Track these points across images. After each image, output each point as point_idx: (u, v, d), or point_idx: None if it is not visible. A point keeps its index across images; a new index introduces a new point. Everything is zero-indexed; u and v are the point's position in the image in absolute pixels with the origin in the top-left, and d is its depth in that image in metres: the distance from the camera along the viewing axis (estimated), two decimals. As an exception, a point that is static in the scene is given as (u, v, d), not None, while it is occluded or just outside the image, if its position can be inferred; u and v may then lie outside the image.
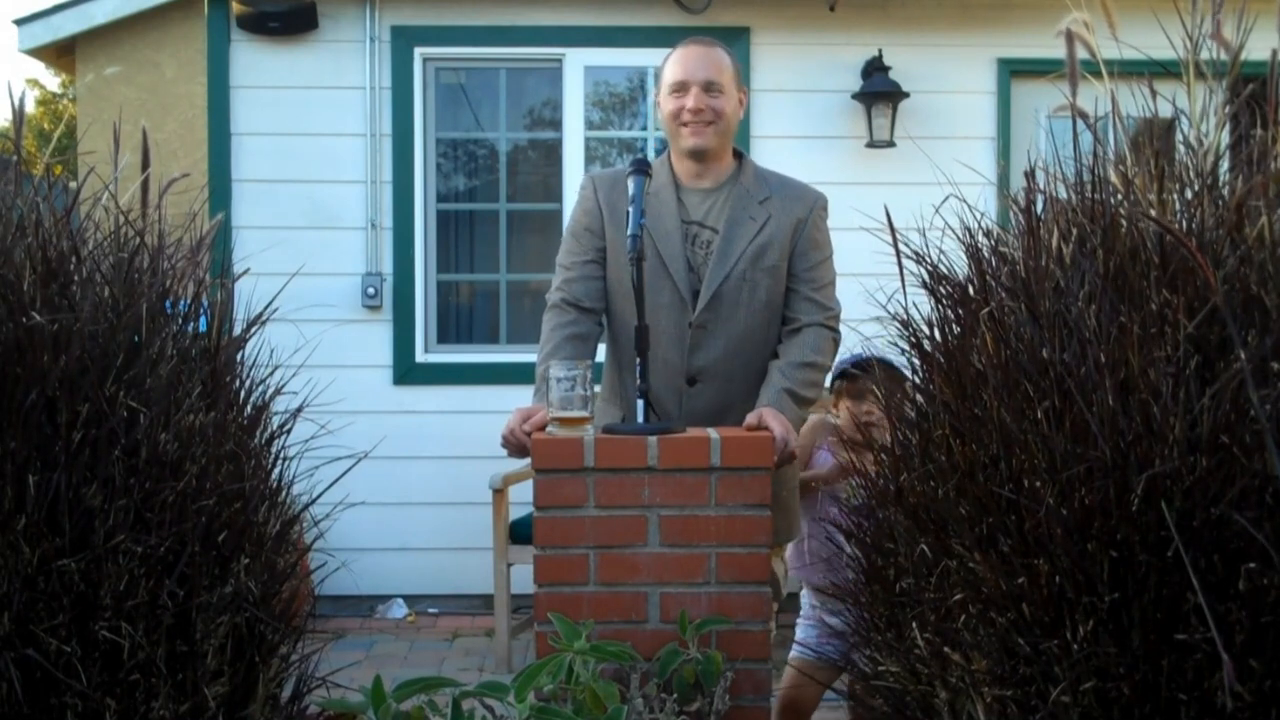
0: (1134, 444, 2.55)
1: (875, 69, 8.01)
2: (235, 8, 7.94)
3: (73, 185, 3.67)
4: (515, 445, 3.81)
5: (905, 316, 3.26)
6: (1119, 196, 2.95)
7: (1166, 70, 2.98)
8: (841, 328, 4.21)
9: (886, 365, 3.99)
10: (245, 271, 3.73)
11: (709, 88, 4.12)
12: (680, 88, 4.15)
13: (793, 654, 4.62)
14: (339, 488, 3.67)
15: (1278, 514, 2.40)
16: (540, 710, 2.86)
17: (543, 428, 3.67)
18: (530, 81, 8.39)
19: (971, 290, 3.12)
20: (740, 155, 4.32)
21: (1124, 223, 2.86)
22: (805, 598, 4.71)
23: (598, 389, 4.11)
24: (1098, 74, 3.18)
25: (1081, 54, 3.26)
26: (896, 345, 3.34)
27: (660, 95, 4.26)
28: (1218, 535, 2.45)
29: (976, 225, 3.18)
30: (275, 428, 3.57)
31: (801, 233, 4.18)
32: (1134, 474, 2.52)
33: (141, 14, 9.24)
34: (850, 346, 4.31)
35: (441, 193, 8.31)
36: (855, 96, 8.05)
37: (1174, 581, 2.46)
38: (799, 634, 4.65)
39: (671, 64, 4.21)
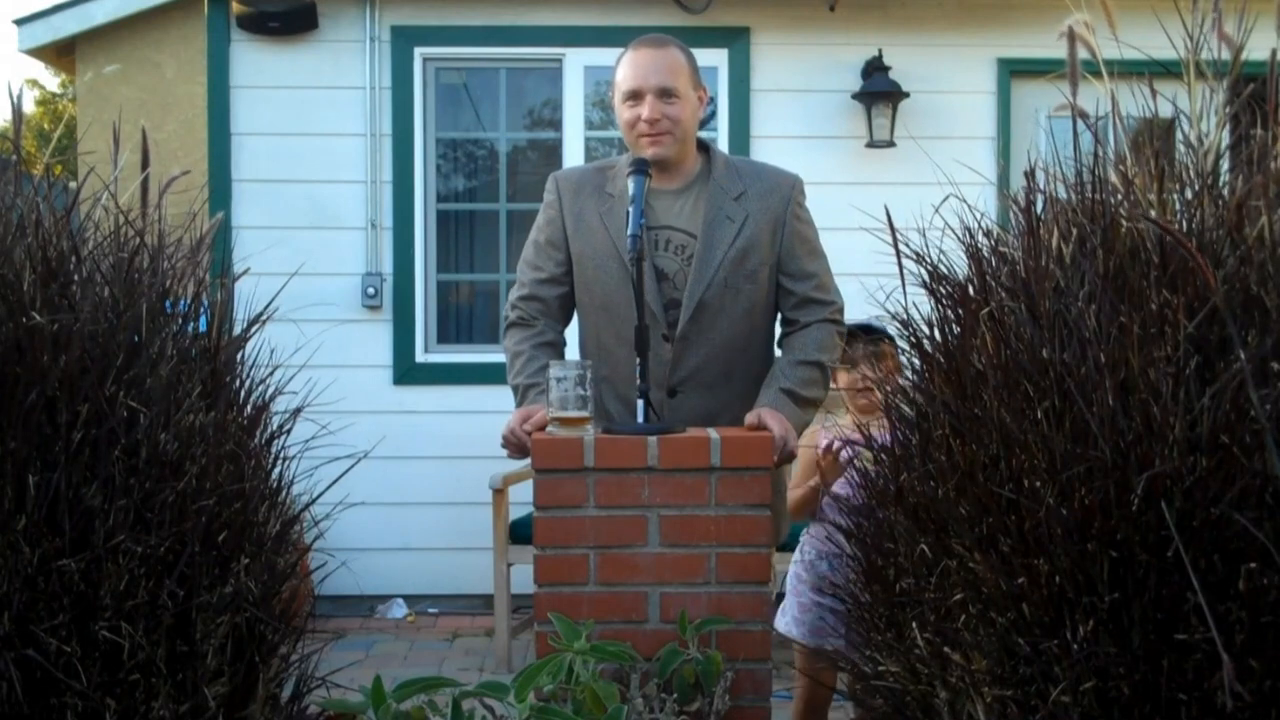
0: (1134, 444, 2.53)
1: (875, 69, 7.98)
2: (235, 8, 7.92)
3: (73, 185, 3.66)
4: (516, 445, 3.79)
5: (905, 316, 3.23)
6: (1119, 196, 2.94)
7: (1167, 70, 2.97)
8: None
9: (873, 332, 4.05)
10: (245, 271, 3.71)
11: (664, 95, 3.97)
12: (634, 96, 4.00)
13: (797, 651, 4.54)
14: (339, 488, 3.64)
15: (1278, 514, 2.38)
16: (540, 710, 2.84)
17: (543, 428, 3.64)
18: (530, 81, 8.37)
19: (971, 290, 3.08)
20: (707, 148, 4.16)
21: (1124, 223, 2.85)
22: (791, 582, 4.57)
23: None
24: (1098, 74, 3.16)
25: (1082, 54, 3.25)
26: (896, 344, 3.33)
27: (615, 100, 4.12)
28: (1218, 535, 2.43)
29: (976, 225, 3.17)
30: (275, 428, 3.54)
31: (783, 229, 4.07)
32: (1134, 474, 2.50)
33: (141, 14, 9.25)
34: (854, 316, 4.26)
35: (441, 193, 8.28)
36: (855, 96, 8.03)
37: (1174, 581, 2.44)
38: (791, 628, 4.53)
39: (623, 68, 4.06)
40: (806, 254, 4.10)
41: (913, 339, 3.24)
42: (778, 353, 4.16)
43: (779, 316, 4.18)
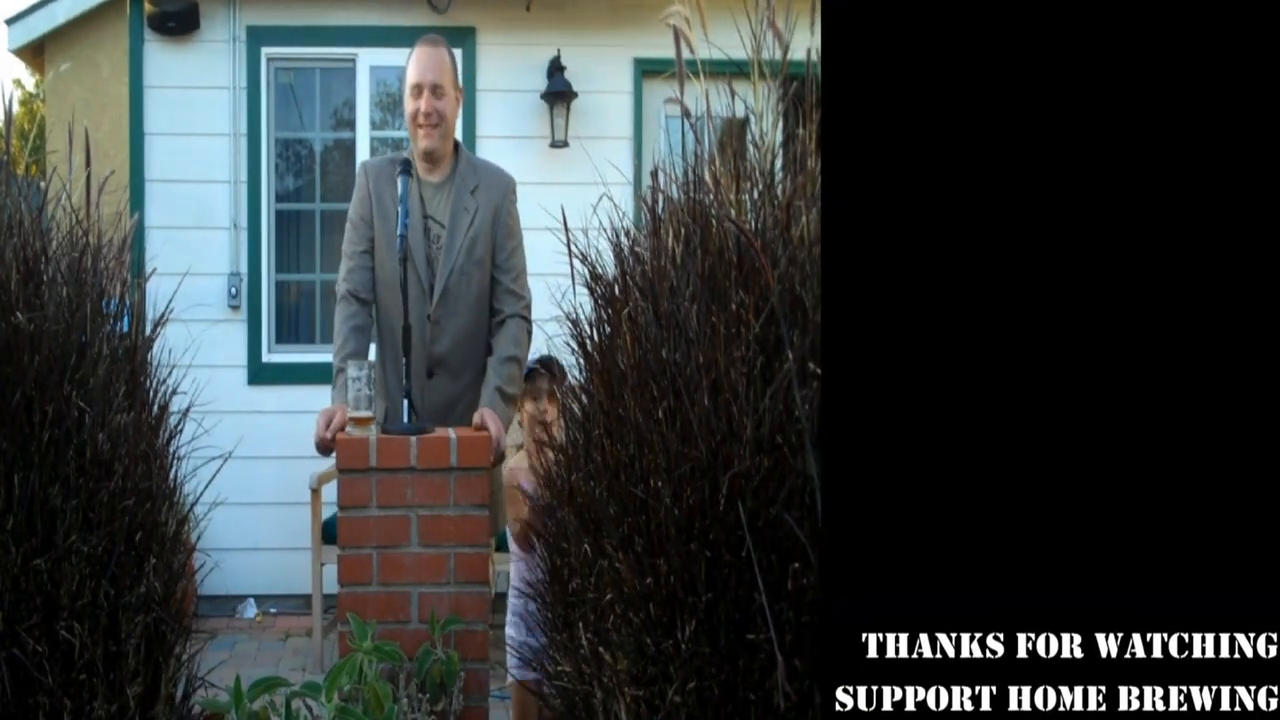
0: (721, 444, 2.20)
1: (556, 69, 6.34)
2: (147, 8, 6.48)
3: (43, 185, 3.18)
4: (325, 448, 3.25)
5: (575, 316, 2.78)
6: (711, 196, 2.63)
7: (741, 70, 2.64)
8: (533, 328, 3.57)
9: (556, 365, 3.38)
10: (153, 271, 3.23)
11: (435, 91, 3.46)
12: (415, 91, 3.48)
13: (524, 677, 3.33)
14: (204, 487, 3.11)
15: (815, 513, 2.04)
16: (341, 710, 2.53)
17: (343, 428, 3.12)
18: (337, 82, 7.05)
19: (618, 290, 2.70)
20: (458, 146, 3.64)
21: (715, 222, 2.55)
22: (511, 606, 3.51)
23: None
24: (707, 74, 2.79)
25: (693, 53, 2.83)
26: (569, 345, 2.86)
27: (405, 94, 3.59)
28: (775, 535, 2.10)
29: (620, 226, 2.84)
30: (173, 428, 3.05)
31: (499, 220, 3.48)
32: (721, 473, 2.16)
33: (86, 14, 7.59)
34: (539, 345, 3.47)
35: (279, 192, 6.95)
36: (543, 96, 6.41)
37: (747, 581, 2.07)
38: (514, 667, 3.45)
39: (410, 65, 3.52)
40: (512, 247, 3.56)
41: (579, 339, 2.78)
42: None
43: None
